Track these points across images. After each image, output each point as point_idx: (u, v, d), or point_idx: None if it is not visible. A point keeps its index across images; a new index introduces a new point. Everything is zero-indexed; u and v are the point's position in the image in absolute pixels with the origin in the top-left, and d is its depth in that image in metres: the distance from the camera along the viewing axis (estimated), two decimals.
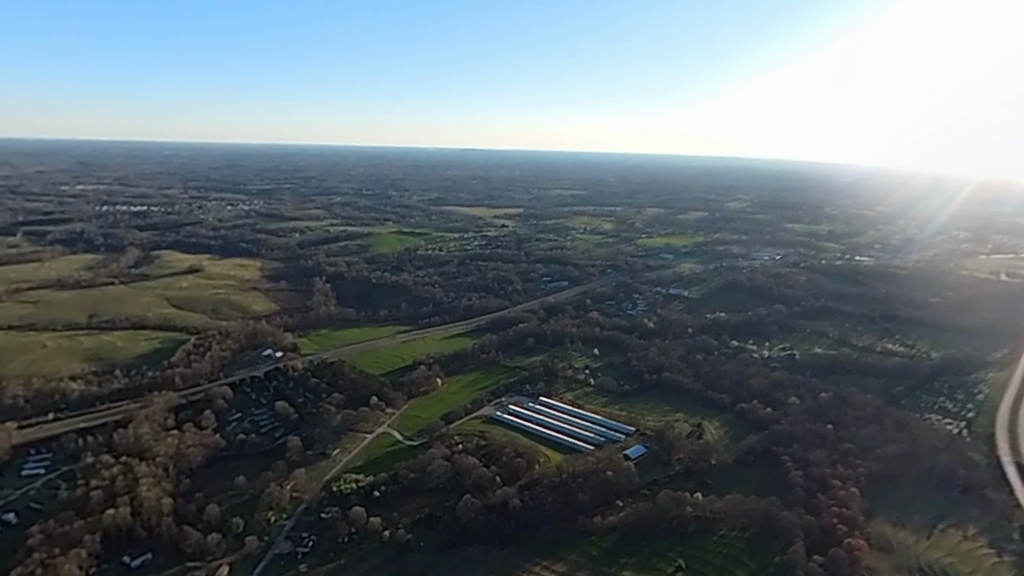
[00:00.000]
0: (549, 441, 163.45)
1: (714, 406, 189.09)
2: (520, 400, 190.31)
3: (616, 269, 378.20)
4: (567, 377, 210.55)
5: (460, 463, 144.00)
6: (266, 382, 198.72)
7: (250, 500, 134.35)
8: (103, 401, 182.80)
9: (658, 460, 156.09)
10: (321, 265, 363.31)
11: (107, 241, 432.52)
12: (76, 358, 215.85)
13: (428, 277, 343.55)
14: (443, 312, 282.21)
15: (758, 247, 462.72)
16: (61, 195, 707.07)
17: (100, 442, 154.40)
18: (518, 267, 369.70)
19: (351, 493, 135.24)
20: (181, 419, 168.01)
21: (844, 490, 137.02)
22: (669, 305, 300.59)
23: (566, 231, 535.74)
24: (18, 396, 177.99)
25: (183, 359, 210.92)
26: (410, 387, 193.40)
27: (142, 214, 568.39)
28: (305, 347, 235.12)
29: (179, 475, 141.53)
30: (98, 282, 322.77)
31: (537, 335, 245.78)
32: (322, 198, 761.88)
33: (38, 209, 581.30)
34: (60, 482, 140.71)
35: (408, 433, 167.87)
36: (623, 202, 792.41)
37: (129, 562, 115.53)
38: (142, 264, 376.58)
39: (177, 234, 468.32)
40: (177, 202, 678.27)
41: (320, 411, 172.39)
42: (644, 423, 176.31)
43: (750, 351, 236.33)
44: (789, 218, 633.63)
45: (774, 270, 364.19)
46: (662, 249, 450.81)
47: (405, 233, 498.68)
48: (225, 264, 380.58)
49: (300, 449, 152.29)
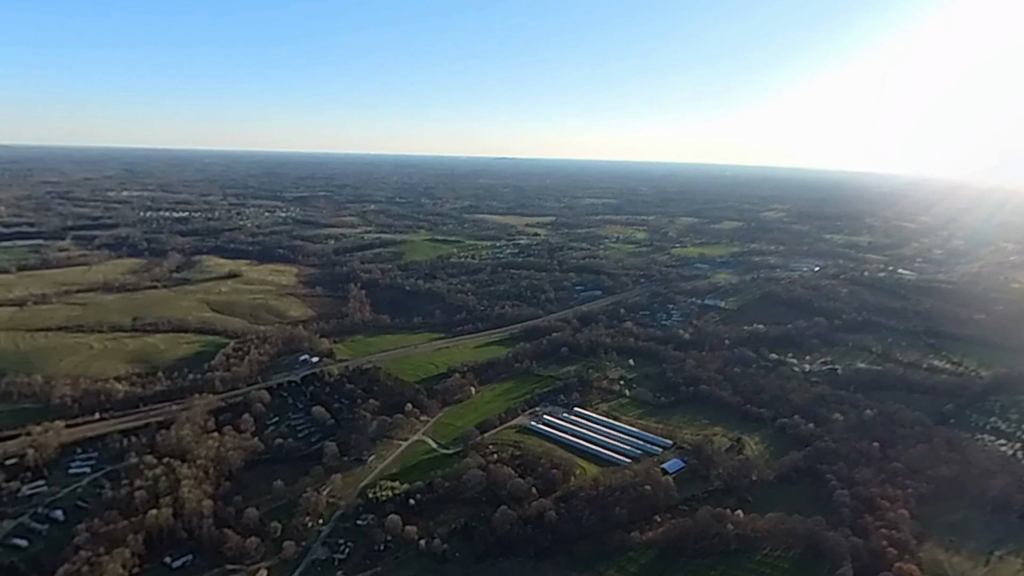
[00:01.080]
0: (585, 453, 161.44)
1: (753, 420, 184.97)
2: (554, 410, 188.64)
3: (650, 279, 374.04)
4: (602, 388, 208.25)
5: (495, 473, 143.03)
6: (303, 387, 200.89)
7: (287, 504, 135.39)
8: (146, 402, 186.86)
9: (697, 475, 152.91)
10: (356, 272, 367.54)
11: (151, 246, 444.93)
12: (121, 359, 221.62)
13: (461, 285, 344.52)
14: (476, 320, 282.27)
15: (796, 258, 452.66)
16: (108, 201, 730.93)
17: (143, 443, 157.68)
18: (551, 276, 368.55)
19: (387, 500, 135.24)
20: (221, 422, 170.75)
21: (893, 511, 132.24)
22: (705, 316, 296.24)
23: (598, 240, 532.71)
24: (66, 395, 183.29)
25: (222, 362, 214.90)
26: (444, 395, 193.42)
27: (183, 220, 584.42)
28: (341, 353, 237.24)
29: (219, 477, 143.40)
30: (142, 286, 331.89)
31: (571, 345, 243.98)
32: (356, 205, 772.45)
33: (86, 214, 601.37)
34: (105, 481, 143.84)
35: (443, 441, 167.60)
36: (656, 211, 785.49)
37: (171, 563, 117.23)
38: (183, 269, 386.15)
39: (217, 240, 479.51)
40: (217, 208, 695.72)
41: (356, 417, 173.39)
42: (681, 436, 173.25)
43: (790, 364, 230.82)
44: (828, 229, 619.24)
45: (813, 282, 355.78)
46: (697, 259, 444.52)
47: (438, 241, 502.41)
48: (263, 270, 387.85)
49: (336, 455, 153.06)
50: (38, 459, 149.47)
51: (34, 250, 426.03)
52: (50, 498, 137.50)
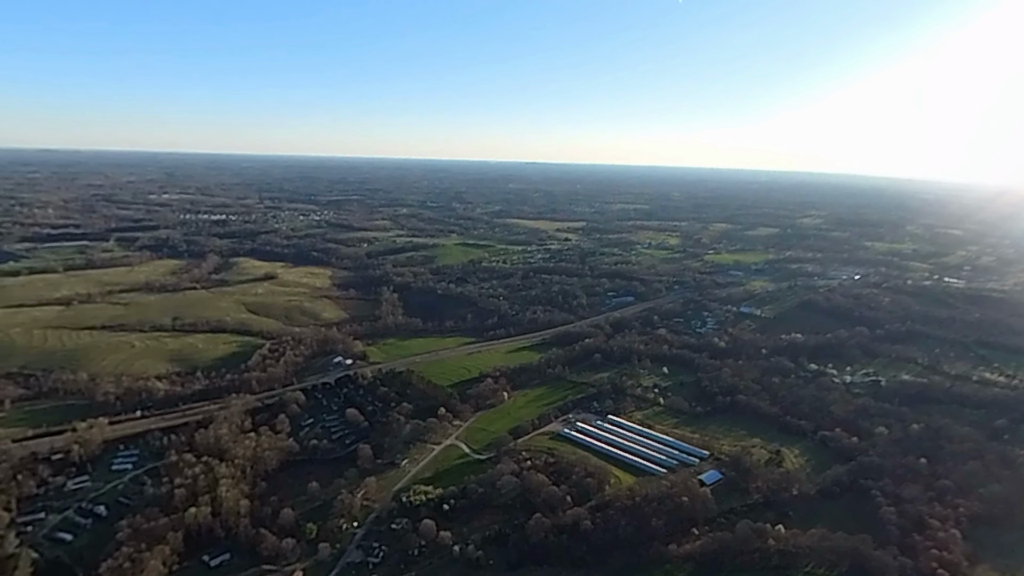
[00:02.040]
0: (619, 461, 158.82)
1: (793, 432, 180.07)
2: (588, 417, 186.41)
3: (683, 285, 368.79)
4: (635, 395, 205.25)
5: (529, 480, 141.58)
6: (337, 389, 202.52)
7: (322, 506, 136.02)
8: (185, 401, 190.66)
9: (735, 487, 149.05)
10: (388, 275, 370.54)
11: (190, 248, 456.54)
12: (161, 358, 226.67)
13: (492, 289, 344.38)
14: (508, 325, 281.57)
15: (835, 266, 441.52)
16: (149, 204, 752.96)
17: (183, 441, 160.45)
18: (582, 281, 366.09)
19: (420, 505, 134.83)
20: (257, 422, 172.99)
21: (944, 531, 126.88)
22: (741, 324, 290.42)
23: (630, 245, 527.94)
24: (109, 393, 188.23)
25: (259, 363, 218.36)
26: (477, 399, 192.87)
27: (221, 222, 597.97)
28: (374, 355, 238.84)
29: (255, 477, 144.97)
30: (181, 286, 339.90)
31: (603, 351, 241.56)
32: (388, 209, 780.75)
33: (129, 217, 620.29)
34: (146, 478, 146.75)
35: (476, 446, 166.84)
36: (688, 217, 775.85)
37: (209, 561, 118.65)
38: (221, 270, 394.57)
39: (253, 242, 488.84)
40: (253, 212, 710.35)
41: (389, 420, 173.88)
42: (718, 447, 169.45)
43: (830, 375, 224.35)
44: (868, 236, 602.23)
45: (854, 290, 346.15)
46: (731, 266, 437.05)
47: (469, 245, 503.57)
48: (297, 272, 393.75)
49: (370, 457, 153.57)
50: (83, 455, 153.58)
51: (80, 251, 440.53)
52: (93, 493, 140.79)
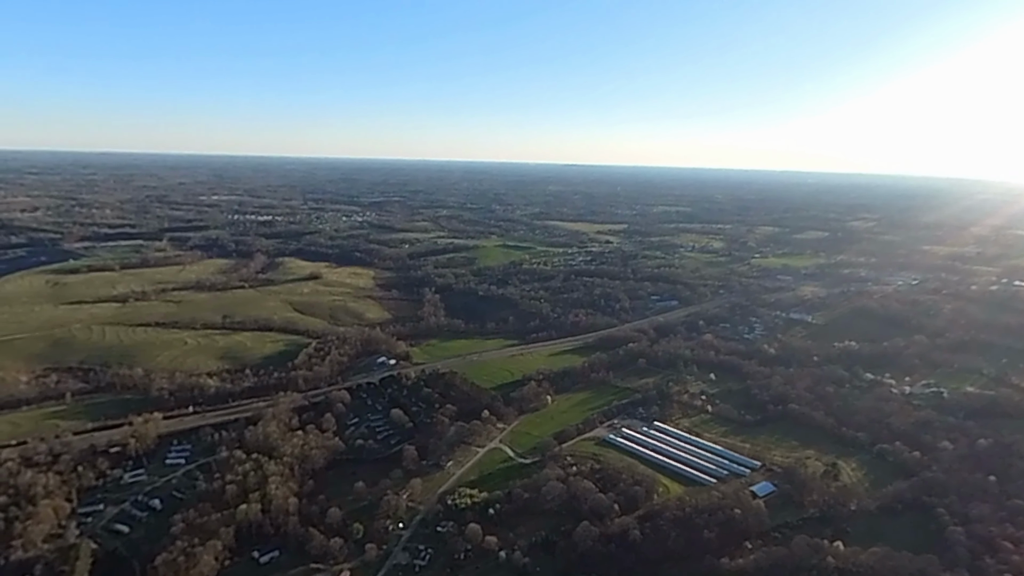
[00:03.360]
0: (667, 470, 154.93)
1: (849, 444, 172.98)
2: (633, 423, 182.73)
3: (729, 290, 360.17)
4: (682, 402, 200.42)
5: (575, 486, 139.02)
6: (381, 389, 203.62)
7: (368, 506, 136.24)
8: (235, 398, 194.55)
9: (789, 500, 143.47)
10: (430, 276, 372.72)
11: (238, 247, 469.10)
12: (212, 356, 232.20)
13: (534, 291, 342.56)
14: (550, 327, 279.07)
15: (890, 271, 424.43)
16: (199, 204, 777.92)
17: (233, 437, 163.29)
18: (625, 284, 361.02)
19: (466, 508, 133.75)
20: (304, 420, 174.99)
21: (1017, 554, 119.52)
22: (791, 331, 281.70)
23: (673, 248, 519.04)
24: (163, 389, 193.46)
25: (305, 362, 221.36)
26: (520, 402, 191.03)
27: (268, 223, 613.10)
28: (416, 356, 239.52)
29: (303, 476, 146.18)
30: (230, 285, 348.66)
31: (648, 356, 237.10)
32: (429, 211, 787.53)
33: (180, 217, 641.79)
34: (198, 473, 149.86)
35: (520, 450, 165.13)
36: (732, 220, 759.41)
37: (258, 557, 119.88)
38: (268, 270, 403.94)
39: (298, 242, 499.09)
40: (298, 212, 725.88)
41: (434, 421, 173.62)
42: (770, 458, 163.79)
43: (887, 386, 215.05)
44: (926, 239, 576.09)
45: (911, 296, 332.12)
46: (779, 270, 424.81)
47: (509, 247, 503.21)
48: (341, 272, 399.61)
49: (415, 459, 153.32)
50: (138, 448, 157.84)
51: (135, 250, 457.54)
52: (149, 487, 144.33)
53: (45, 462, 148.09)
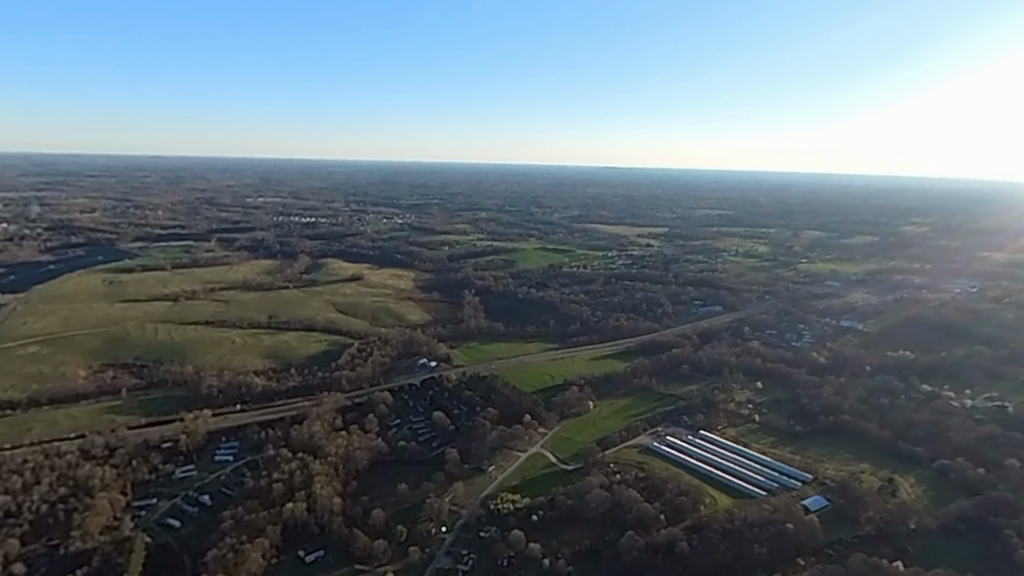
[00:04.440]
0: (714, 480, 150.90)
1: (906, 459, 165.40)
2: (678, 431, 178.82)
3: (775, 295, 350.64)
4: (728, 411, 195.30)
5: (620, 495, 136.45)
6: (422, 391, 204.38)
7: (411, 508, 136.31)
8: (280, 396, 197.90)
9: (843, 516, 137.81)
10: (470, 278, 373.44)
11: (283, 248, 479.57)
12: (258, 354, 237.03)
13: (574, 295, 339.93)
14: (590, 331, 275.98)
15: (946, 278, 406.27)
16: (246, 206, 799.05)
17: (279, 436, 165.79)
18: (667, 289, 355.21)
19: (508, 514, 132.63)
20: (347, 420, 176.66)
21: None
22: (841, 338, 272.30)
23: (716, 252, 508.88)
24: (212, 386, 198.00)
25: (348, 362, 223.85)
26: (562, 407, 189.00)
27: (311, 225, 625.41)
28: (457, 358, 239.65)
29: (347, 476, 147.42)
30: (275, 285, 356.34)
31: (692, 362, 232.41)
32: (468, 213, 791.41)
33: (228, 218, 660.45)
34: (246, 470, 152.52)
35: (562, 456, 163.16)
36: (777, 223, 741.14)
37: (304, 556, 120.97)
38: (311, 270, 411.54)
39: (341, 244, 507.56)
40: (340, 215, 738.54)
41: (475, 425, 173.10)
42: (822, 471, 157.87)
43: (947, 398, 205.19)
44: (985, 245, 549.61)
45: (970, 305, 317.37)
46: (827, 276, 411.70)
47: (549, 249, 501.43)
48: (383, 273, 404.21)
49: (457, 462, 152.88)
50: (189, 444, 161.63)
51: (185, 250, 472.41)
52: (199, 483, 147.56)
53: (102, 455, 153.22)
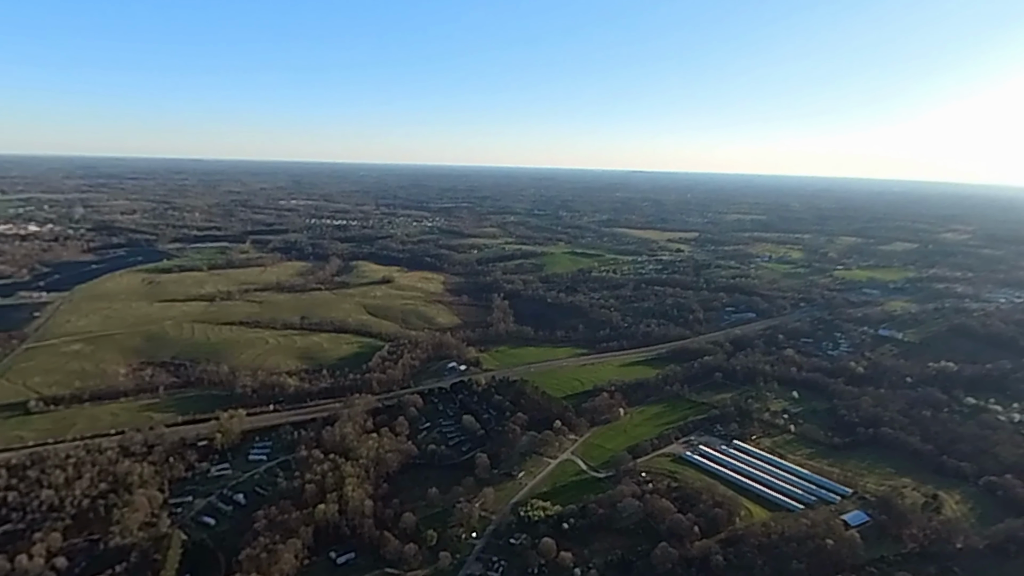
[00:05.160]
0: (749, 492, 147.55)
1: (950, 475, 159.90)
2: (711, 441, 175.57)
3: (810, 303, 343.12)
4: (763, 420, 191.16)
5: (652, 504, 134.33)
6: (452, 394, 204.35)
7: (441, 513, 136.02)
8: (312, 397, 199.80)
9: (884, 533, 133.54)
10: (499, 282, 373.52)
11: (315, 250, 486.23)
12: (291, 355, 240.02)
13: (603, 300, 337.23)
14: (620, 337, 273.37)
15: (990, 287, 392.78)
16: (279, 209, 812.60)
17: (311, 437, 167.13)
18: (698, 295, 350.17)
19: (539, 521, 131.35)
20: (378, 423, 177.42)
21: None
22: (880, 348, 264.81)
23: (748, 258, 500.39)
24: (247, 386, 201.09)
25: (378, 364, 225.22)
26: (592, 414, 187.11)
27: (342, 227, 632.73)
28: (486, 362, 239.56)
29: (378, 478, 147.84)
30: (308, 287, 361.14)
31: (725, 370, 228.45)
32: (496, 217, 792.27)
33: (262, 221, 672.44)
34: (279, 470, 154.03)
35: (593, 463, 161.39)
36: (811, 229, 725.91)
37: (335, 558, 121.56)
38: (343, 273, 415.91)
39: (371, 247, 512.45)
40: (371, 217, 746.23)
41: (505, 430, 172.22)
42: (862, 485, 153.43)
43: (993, 412, 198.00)
44: None
45: (1016, 315, 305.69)
46: (865, 283, 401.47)
47: (578, 254, 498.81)
48: (412, 276, 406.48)
49: (487, 467, 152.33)
50: (224, 443, 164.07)
51: (221, 251, 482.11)
52: (233, 481, 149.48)
53: (140, 452, 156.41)
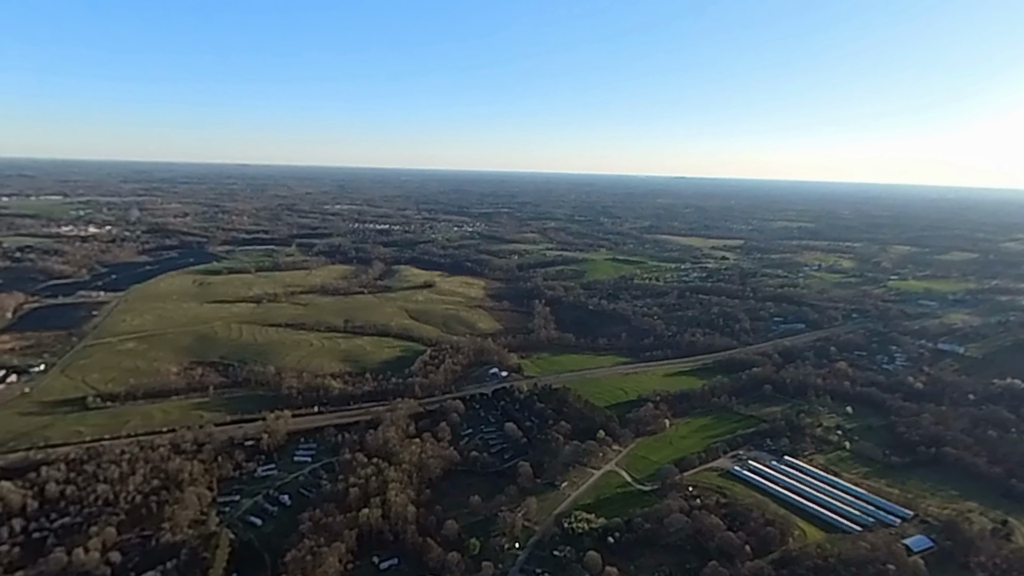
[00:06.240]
0: (803, 511, 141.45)
1: (1021, 500, 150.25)
2: (761, 456, 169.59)
3: (863, 314, 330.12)
4: (815, 436, 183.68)
5: (701, 521, 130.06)
6: (494, 401, 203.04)
7: (484, 521, 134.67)
8: (355, 400, 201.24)
9: (949, 559, 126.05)
10: (540, 288, 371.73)
11: (358, 254, 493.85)
12: (335, 358, 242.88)
13: (646, 307, 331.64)
14: (664, 346, 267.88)
15: None
16: (324, 213, 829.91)
17: (354, 440, 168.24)
18: (744, 304, 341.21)
19: (583, 534, 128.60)
20: (420, 428, 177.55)
21: None
22: (939, 363, 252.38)
23: (796, 267, 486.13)
24: (292, 387, 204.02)
25: (421, 369, 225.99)
26: (637, 424, 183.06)
27: (385, 232, 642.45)
28: (528, 369, 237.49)
29: (420, 484, 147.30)
30: (351, 290, 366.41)
31: (774, 382, 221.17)
32: (537, 222, 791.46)
33: (307, 224, 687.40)
34: (323, 472, 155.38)
35: (638, 475, 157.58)
36: (862, 237, 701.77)
37: (378, 563, 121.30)
38: (385, 276, 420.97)
39: (413, 251, 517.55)
40: (412, 222, 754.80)
41: (547, 438, 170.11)
42: (924, 508, 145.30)
43: None
44: None
45: None
46: (921, 294, 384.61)
47: (619, 260, 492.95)
48: (453, 281, 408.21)
49: (530, 476, 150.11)
50: (270, 444, 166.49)
51: (267, 254, 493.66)
52: (279, 482, 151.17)
53: (190, 450, 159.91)
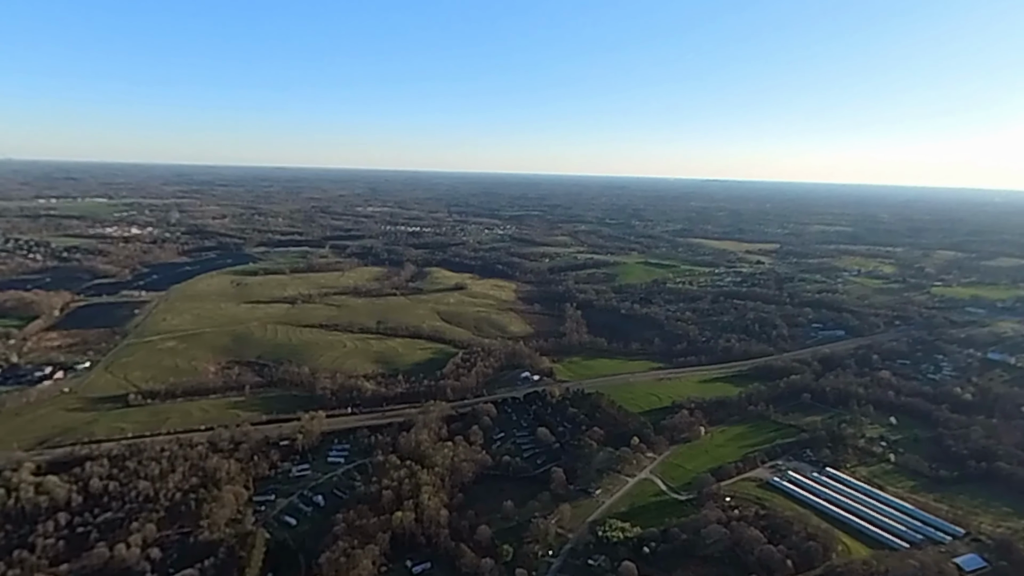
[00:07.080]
0: (846, 525, 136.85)
1: None
2: (801, 467, 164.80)
3: (906, 321, 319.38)
4: (858, 447, 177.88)
5: (740, 533, 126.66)
6: (526, 405, 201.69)
7: (516, 527, 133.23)
8: (388, 402, 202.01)
9: None
10: (571, 291, 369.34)
11: (390, 256, 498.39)
12: (368, 359, 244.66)
13: (679, 312, 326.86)
14: (699, 352, 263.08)
15: None
16: (356, 215, 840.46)
17: (387, 442, 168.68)
18: (781, 309, 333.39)
19: (618, 543, 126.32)
20: (452, 431, 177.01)
21: None
22: (988, 373, 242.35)
23: (835, 272, 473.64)
24: (326, 388, 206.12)
25: (453, 371, 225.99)
26: (671, 431, 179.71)
27: (416, 234, 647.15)
28: (559, 373, 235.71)
29: (453, 488, 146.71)
30: (384, 292, 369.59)
31: (813, 391, 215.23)
32: (568, 225, 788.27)
33: (340, 226, 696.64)
34: (356, 474, 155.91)
35: (673, 484, 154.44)
36: (903, 242, 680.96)
37: (411, 567, 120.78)
38: (417, 278, 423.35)
39: (444, 253, 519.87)
40: (443, 224, 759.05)
41: (581, 444, 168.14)
42: (976, 525, 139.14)
43: None
44: None
45: None
46: (968, 301, 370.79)
47: (652, 264, 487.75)
48: (484, 284, 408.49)
49: (563, 482, 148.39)
50: (305, 444, 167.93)
51: (302, 256, 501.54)
52: (313, 482, 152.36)
53: (228, 449, 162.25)
